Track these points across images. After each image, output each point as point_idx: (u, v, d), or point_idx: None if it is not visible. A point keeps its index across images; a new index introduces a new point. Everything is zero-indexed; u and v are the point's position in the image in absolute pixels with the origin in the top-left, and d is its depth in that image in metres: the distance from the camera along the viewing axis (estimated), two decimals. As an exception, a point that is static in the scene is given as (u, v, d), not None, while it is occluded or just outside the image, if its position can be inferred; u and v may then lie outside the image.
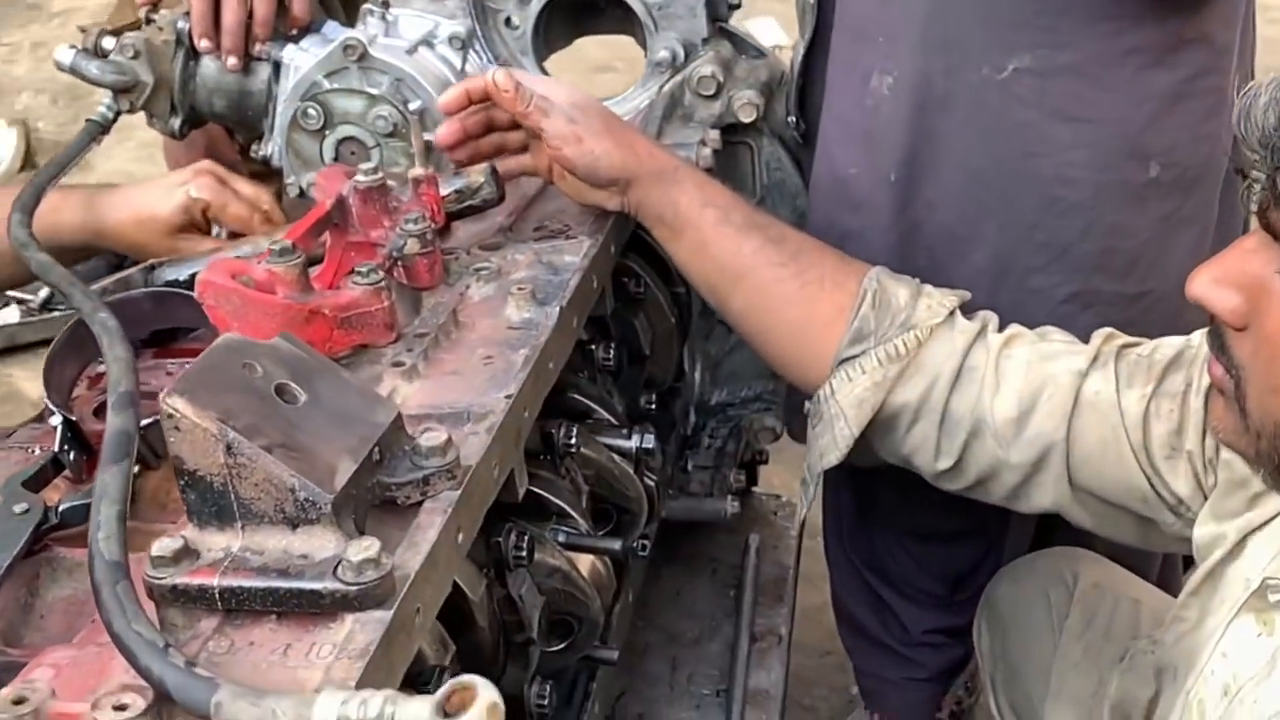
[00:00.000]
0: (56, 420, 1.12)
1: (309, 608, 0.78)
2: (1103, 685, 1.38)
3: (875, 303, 1.24)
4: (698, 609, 1.73)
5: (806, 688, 2.28)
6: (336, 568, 0.78)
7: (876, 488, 1.86)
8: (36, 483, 1.07)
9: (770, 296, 1.26)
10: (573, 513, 1.18)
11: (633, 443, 1.30)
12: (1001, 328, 1.30)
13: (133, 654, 0.73)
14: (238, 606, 0.79)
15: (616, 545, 1.17)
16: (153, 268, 1.34)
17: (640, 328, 1.51)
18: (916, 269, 1.39)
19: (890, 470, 1.80)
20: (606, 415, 1.33)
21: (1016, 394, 1.19)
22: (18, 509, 1.01)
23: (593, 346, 1.35)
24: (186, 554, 0.80)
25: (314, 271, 1.15)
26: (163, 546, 0.80)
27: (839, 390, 1.22)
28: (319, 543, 0.80)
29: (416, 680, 0.89)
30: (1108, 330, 1.24)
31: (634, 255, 1.53)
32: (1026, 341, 1.23)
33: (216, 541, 0.81)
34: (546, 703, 1.12)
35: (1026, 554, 1.70)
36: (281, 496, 0.80)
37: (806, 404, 1.29)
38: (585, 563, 1.20)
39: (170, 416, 0.78)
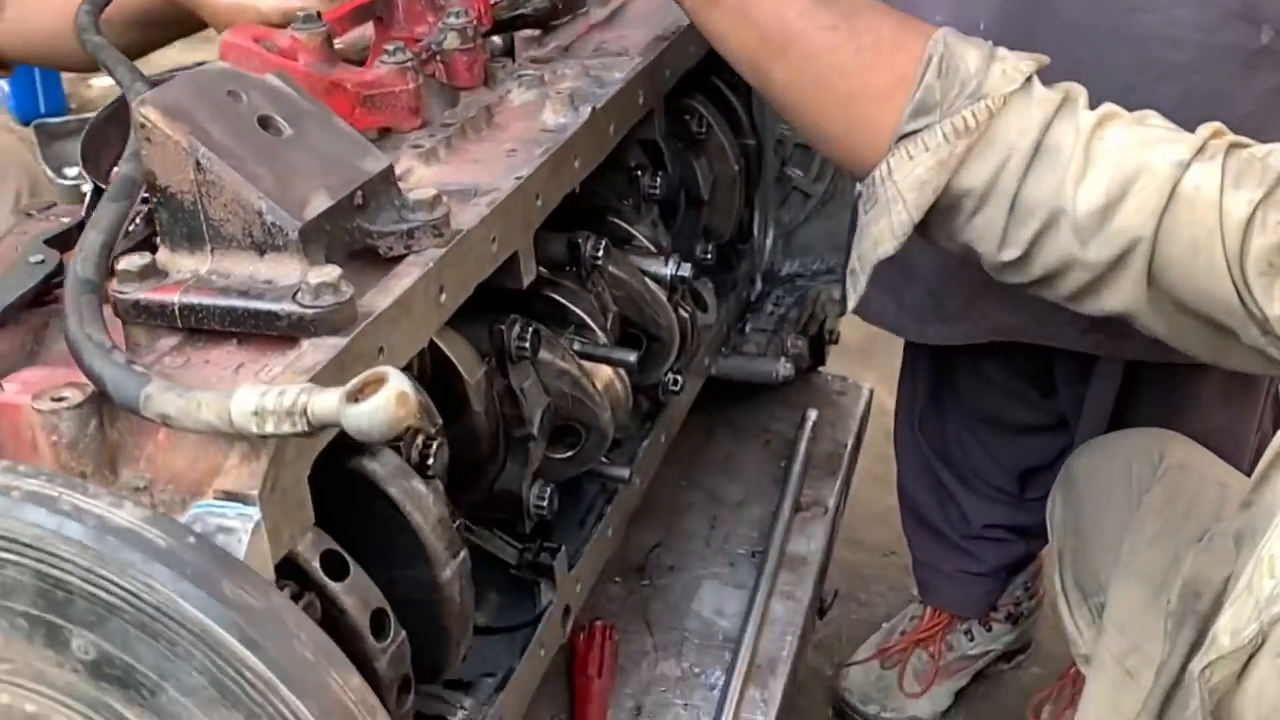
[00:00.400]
0: (88, 188, 1.13)
1: (265, 329, 0.76)
2: (1176, 564, 1.30)
3: (941, 69, 1.07)
4: (745, 475, 1.70)
5: (865, 584, 2.23)
6: (297, 293, 0.76)
7: (954, 372, 1.79)
8: (60, 242, 1.07)
9: (819, 65, 1.10)
10: (591, 323, 1.15)
11: (668, 269, 1.26)
12: None
13: (79, 353, 0.73)
14: (197, 325, 0.77)
15: (631, 357, 1.14)
16: (209, 64, 1.34)
17: (700, 171, 1.47)
18: None
19: (969, 354, 1.74)
20: (645, 242, 1.29)
21: (1105, 182, 1.04)
22: (34, 259, 1.02)
23: (639, 173, 1.31)
24: (154, 272, 0.79)
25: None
26: (130, 263, 0.79)
27: (897, 170, 1.07)
28: (285, 270, 0.78)
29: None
30: (1216, 125, 1.07)
31: (700, 96, 1.48)
32: (1123, 124, 1.08)
33: (186, 264, 0.80)
34: (545, 505, 1.10)
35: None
36: (249, 219, 0.78)
37: (858, 185, 1.17)
38: (603, 377, 1.16)
39: (143, 126, 0.77)
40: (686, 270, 1.27)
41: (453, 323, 1.02)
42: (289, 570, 0.76)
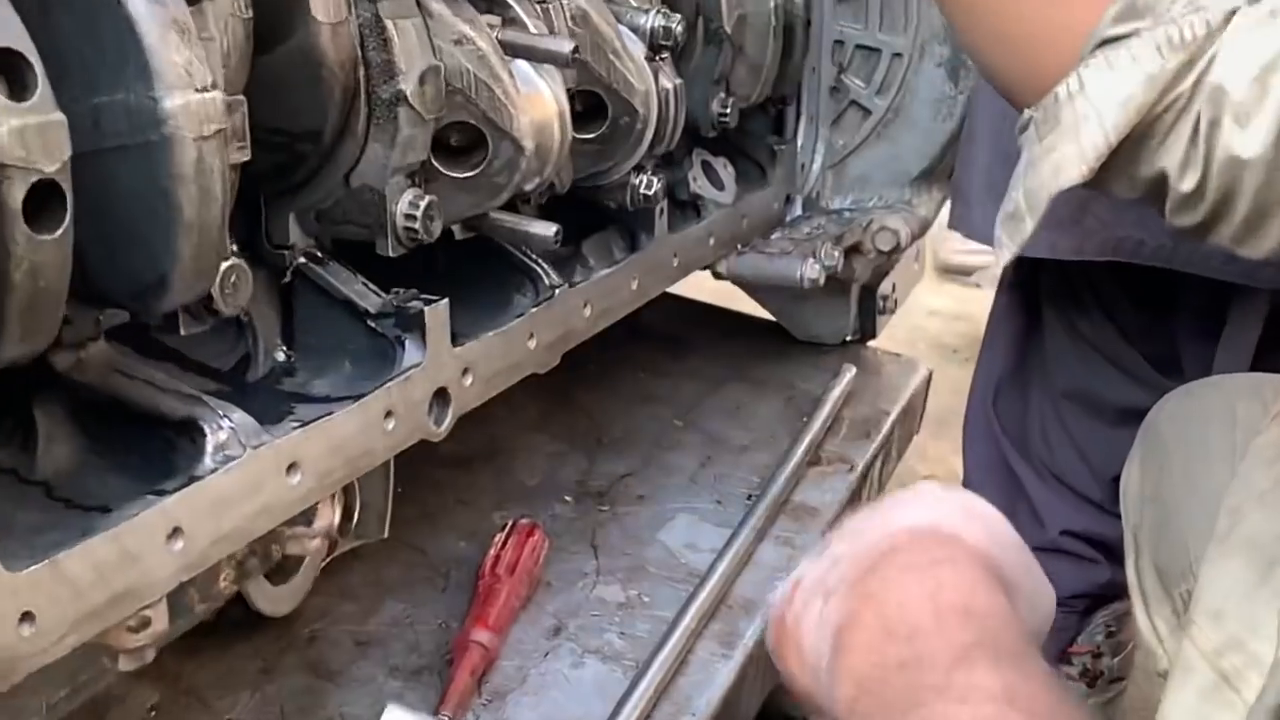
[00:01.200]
0: None
1: None
2: None
3: None
4: (756, 424, 1.36)
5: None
6: None
7: (1043, 332, 1.44)
8: None
9: None
10: (521, 13, 0.86)
11: (649, 19, 0.98)
12: None
13: None
14: None
15: (565, 47, 0.84)
16: None
17: (727, -2, 1.19)
18: None
19: (1065, 305, 1.40)
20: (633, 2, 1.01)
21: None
22: None
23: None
24: None
25: None
26: None
27: (1092, 83, 0.84)
28: None
29: None
30: None
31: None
32: None
33: None
34: (419, 219, 0.79)
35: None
36: None
37: (1022, 117, 0.91)
38: (540, 110, 0.86)
39: None
40: (676, 23, 0.98)
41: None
42: None
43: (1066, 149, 0.86)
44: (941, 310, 3.04)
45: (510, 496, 1.20)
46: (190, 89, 0.57)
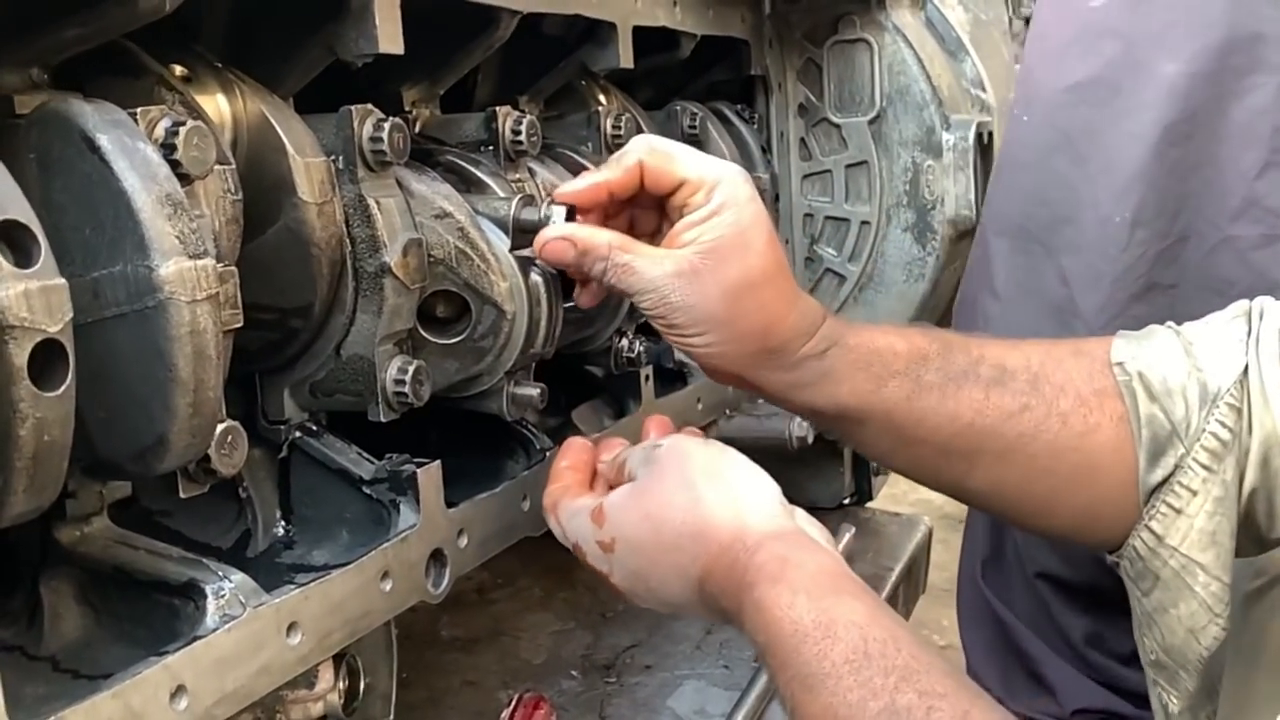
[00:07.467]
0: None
1: None
2: None
3: (1148, 389, 0.83)
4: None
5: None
6: None
7: None
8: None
9: (1029, 458, 0.85)
10: (495, 187, 0.91)
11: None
12: None
13: None
14: None
15: (560, 214, 0.88)
16: None
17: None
18: None
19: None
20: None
21: None
22: None
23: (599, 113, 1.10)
24: None
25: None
26: None
27: (1169, 533, 0.82)
28: None
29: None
30: None
31: (700, 104, 1.30)
32: None
33: None
34: (408, 385, 0.82)
35: None
36: None
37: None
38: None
39: None
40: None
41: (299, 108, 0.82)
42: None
43: (1188, 606, 0.82)
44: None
45: (517, 675, 1.20)
46: (183, 256, 0.61)
